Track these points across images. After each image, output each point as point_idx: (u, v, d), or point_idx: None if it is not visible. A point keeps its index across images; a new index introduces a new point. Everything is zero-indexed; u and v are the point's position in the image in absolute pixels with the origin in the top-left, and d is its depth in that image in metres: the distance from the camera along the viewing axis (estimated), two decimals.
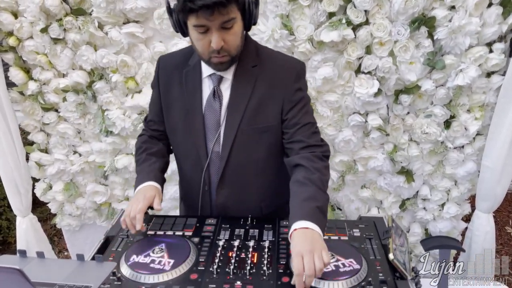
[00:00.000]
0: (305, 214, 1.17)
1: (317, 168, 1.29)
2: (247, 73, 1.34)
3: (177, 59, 1.44)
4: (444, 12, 1.69)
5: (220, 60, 1.26)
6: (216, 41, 1.18)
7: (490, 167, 2.00)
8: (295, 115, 1.36)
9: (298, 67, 1.38)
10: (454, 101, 1.92)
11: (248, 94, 1.34)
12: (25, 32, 1.94)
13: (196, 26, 1.18)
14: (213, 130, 1.40)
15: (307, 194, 1.23)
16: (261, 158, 1.43)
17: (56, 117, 2.19)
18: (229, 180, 1.45)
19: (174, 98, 1.44)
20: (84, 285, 1.03)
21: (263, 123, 1.37)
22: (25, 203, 2.29)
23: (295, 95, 1.35)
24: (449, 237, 1.41)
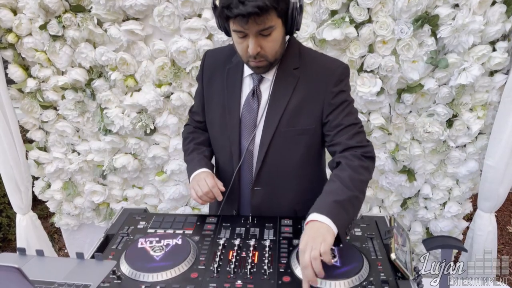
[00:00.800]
0: (318, 207, 1.16)
1: (350, 166, 1.27)
2: (288, 75, 1.36)
3: (222, 55, 1.47)
4: (448, 10, 1.69)
5: (257, 65, 1.28)
6: (252, 48, 1.21)
7: (493, 166, 1.99)
8: (336, 118, 1.34)
9: (340, 69, 1.36)
10: (456, 100, 1.91)
11: (288, 95, 1.35)
12: (24, 29, 1.93)
13: (234, 31, 1.21)
14: (249, 128, 1.41)
15: (329, 189, 1.23)
16: (298, 160, 1.43)
17: (54, 115, 2.18)
18: (264, 180, 1.45)
19: (215, 93, 1.47)
20: (83, 283, 1.02)
21: (301, 125, 1.37)
22: (25, 200, 2.28)
23: (336, 97, 1.34)
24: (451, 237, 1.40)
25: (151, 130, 2.14)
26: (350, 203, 1.19)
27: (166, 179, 2.30)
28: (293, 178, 1.46)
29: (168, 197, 2.33)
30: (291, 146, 1.40)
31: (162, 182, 2.32)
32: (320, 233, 1.09)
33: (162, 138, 2.18)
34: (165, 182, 2.33)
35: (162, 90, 2.02)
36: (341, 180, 1.23)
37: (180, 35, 1.91)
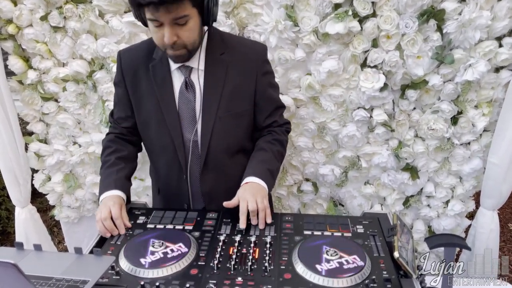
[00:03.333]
0: (257, 172, 1.42)
1: (279, 140, 1.53)
2: (217, 61, 1.39)
3: (140, 53, 1.46)
4: (454, 5, 1.65)
5: (175, 54, 1.30)
6: (167, 36, 1.22)
7: (496, 164, 1.97)
8: (268, 99, 1.51)
9: (263, 50, 1.47)
10: (462, 97, 1.88)
11: (221, 81, 1.40)
12: (25, 20, 1.90)
13: (149, 20, 1.21)
14: (189, 120, 1.43)
15: (264, 158, 1.47)
16: (240, 139, 1.53)
17: (55, 107, 2.16)
18: (212, 166, 1.49)
19: (144, 93, 1.45)
20: (82, 279, 1.01)
21: (238, 108, 1.46)
22: (24, 193, 2.27)
23: (265, 78, 1.47)
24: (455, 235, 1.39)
25: None
26: (276, 171, 1.52)
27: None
28: (240, 157, 1.54)
29: None
30: (232, 129, 1.48)
31: None
32: (261, 191, 1.37)
33: None
34: None
35: None
36: (273, 152, 1.49)
37: None
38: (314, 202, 2.34)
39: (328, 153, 2.14)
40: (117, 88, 1.53)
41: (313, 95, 1.96)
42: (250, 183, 1.39)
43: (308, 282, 1.10)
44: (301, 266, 1.15)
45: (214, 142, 1.45)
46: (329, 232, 1.34)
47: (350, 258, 1.18)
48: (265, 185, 1.40)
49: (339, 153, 2.11)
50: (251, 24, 1.86)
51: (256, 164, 1.45)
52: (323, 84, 1.93)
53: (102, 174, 1.50)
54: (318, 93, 1.95)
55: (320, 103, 1.97)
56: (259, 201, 1.32)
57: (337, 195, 2.31)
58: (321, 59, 1.85)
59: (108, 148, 1.54)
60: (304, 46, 1.83)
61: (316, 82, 1.91)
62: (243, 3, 1.81)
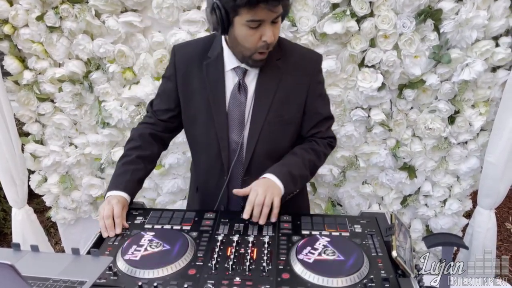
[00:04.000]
0: (276, 171, 1.36)
1: (315, 150, 1.45)
2: (272, 66, 1.37)
3: (196, 50, 1.44)
4: (451, 5, 1.66)
5: (263, 57, 1.29)
6: (270, 35, 1.21)
7: (493, 163, 1.98)
8: (317, 107, 1.45)
9: (319, 60, 1.44)
10: (459, 96, 1.89)
11: (274, 87, 1.38)
12: (21, 20, 1.89)
13: (250, 21, 1.18)
14: (238, 122, 1.42)
15: (289, 161, 1.41)
16: (285, 147, 1.48)
17: (51, 108, 2.15)
18: (254, 171, 1.46)
19: (194, 90, 1.44)
20: (79, 280, 1.00)
21: (288, 115, 1.43)
22: (21, 194, 2.26)
23: (317, 88, 1.43)
24: (452, 234, 1.39)
25: None
26: (301, 179, 1.43)
27: (164, 173, 2.28)
28: None
29: (166, 191, 2.32)
30: (279, 135, 1.45)
31: (160, 175, 2.30)
32: (274, 189, 1.31)
33: None
34: (163, 176, 2.31)
35: None
36: (303, 159, 1.42)
37: (179, 27, 1.88)
38: (312, 202, 2.34)
39: None
40: (166, 81, 1.51)
41: None
42: (267, 179, 1.35)
43: (306, 282, 1.10)
44: (299, 266, 1.15)
45: (260, 146, 1.43)
46: (327, 231, 1.33)
47: (348, 258, 1.17)
48: (280, 185, 1.34)
49: (337, 153, 2.11)
50: None
51: (279, 165, 1.40)
52: None
53: (118, 168, 1.47)
54: None
55: None
56: (268, 196, 1.29)
57: (336, 195, 2.32)
58: None
59: (133, 141, 1.51)
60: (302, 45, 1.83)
61: None
62: None
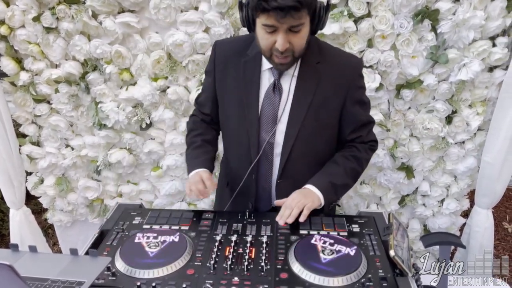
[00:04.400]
0: (318, 182, 1.40)
1: (356, 157, 1.46)
2: (311, 70, 1.38)
3: (235, 47, 1.46)
4: (448, 5, 1.67)
5: (281, 61, 1.29)
6: (282, 43, 1.20)
7: (490, 162, 1.99)
8: (357, 113, 1.44)
9: (360, 65, 1.44)
10: (456, 96, 1.90)
11: (312, 90, 1.38)
12: (17, 20, 1.88)
13: (264, 25, 1.19)
14: (269, 122, 1.43)
15: (330, 170, 1.44)
16: (321, 151, 1.49)
17: (48, 109, 2.14)
18: (289, 173, 1.48)
19: (230, 86, 1.46)
20: (77, 280, 1.00)
21: (325, 119, 1.42)
22: (19, 195, 2.25)
23: (357, 92, 1.42)
24: (450, 233, 1.40)
25: (147, 124, 2.11)
26: (342, 188, 1.46)
27: (161, 175, 2.28)
28: (317, 170, 1.48)
29: (164, 193, 2.31)
30: (315, 139, 1.45)
31: (158, 177, 2.30)
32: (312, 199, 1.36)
33: (157, 133, 2.15)
34: (160, 178, 2.30)
35: (158, 84, 1.99)
36: (345, 167, 1.43)
37: (177, 28, 1.88)
38: None
39: None
40: (207, 76, 1.55)
41: None
42: (307, 189, 1.39)
43: (304, 282, 1.10)
44: (298, 265, 1.15)
45: (296, 150, 1.43)
46: (325, 231, 1.34)
47: (346, 257, 1.18)
48: (320, 195, 1.37)
49: None
50: None
51: (320, 174, 1.43)
52: None
53: (189, 155, 1.57)
54: None
55: None
56: (302, 201, 1.33)
57: None
58: None
59: (194, 130, 1.61)
60: None
61: None
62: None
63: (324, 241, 1.25)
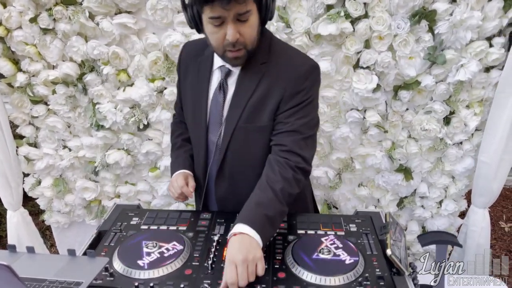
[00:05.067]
0: (250, 219, 1.18)
1: (284, 177, 1.26)
2: (254, 70, 1.32)
3: (197, 47, 1.45)
4: (445, 6, 1.67)
5: (235, 55, 1.24)
6: (232, 33, 1.16)
7: (486, 162, 1.99)
8: (287, 117, 1.31)
9: (304, 67, 1.30)
10: (454, 97, 1.90)
11: (250, 91, 1.32)
12: (14, 22, 1.88)
13: (211, 18, 1.15)
14: (216, 123, 1.40)
15: (261, 199, 1.23)
16: (257, 155, 1.40)
17: (45, 110, 2.13)
18: (227, 174, 1.44)
19: (188, 86, 1.46)
20: (75, 281, 0.99)
21: (260, 122, 1.34)
22: (16, 196, 2.24)
23: (294, 97, 1.29)
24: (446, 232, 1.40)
25: (144, 125, 2.11)
26: (279, 217, 1.25)
27: (159, 175, 2.28)
28: (254, 173, 1.41)
29: (161, 193, 2.30)
30: (250, 142, 1.38)
31: (156, 178, 2.29)
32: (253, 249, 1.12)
33: (155, 134, 2.15)
34: (158, 178, 2.30)
35: (155, 85, 1.99)
36: (275, 192, 1.23)
37: (174, 29, 1.88)
38: None
39: (321, 155, 2.14)
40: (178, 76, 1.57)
41: None
42: (241, 236, 1.15)
43: (302, 281, 1.10)
44: (295, 265, 1.15)
45: (231, 150, 1.39)
46: (323, 231, 1.34)
47: (343, 257, 1.18)
48: (258, 238, 1.15)
49: (332, 155, 2.11)
50: None
51: (252, 207, 1.22)
52: None
53: (172, 156, 1.61)
54: None
55: None
56: (251, 271, 1.09)
57: (331, 198, 2.31)
58: None
59: (175, 132, 1.65)
60: (296, 47, 1.83)
61: None
62: None
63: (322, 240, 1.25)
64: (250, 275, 1.08)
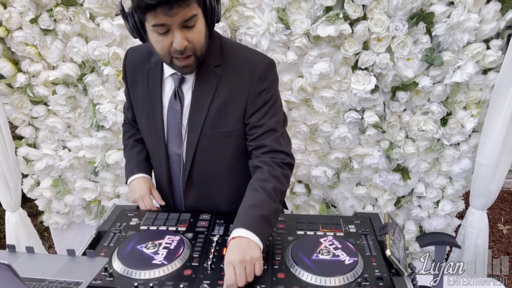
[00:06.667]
0: (245, 222, 1.17)
1: (273, 175, 1.26)
2: (209, 74, 1.28)
3: (142, 54, 1.39)
4: (443, 8, 1.68)
5: (184, 63, 1.20)
6: (179, 41, 1.11)
7: (484, 164, 2.00)
8: (259, 119, 1.30)
9: (262, 65, 1.28)
10: (451, 98, 1.91)
11: (210, 96, 1.29)
12: (14, 22, 1.88)
13: (155, 26, 1.10)
14: (175, 132, 1.36)
15: (254, 201, 1.22)
16: (227, 160, 1.39)
17: (45, 111, 2.13)
18: (196, 183, 1.43)
19: (139, 96, 1.41)
20: (75, 281, 1.00)
21: (226, 127, 1.32)
22: (15, 197, 2.24)
23: (259, 97, 1.28)
24: (445, 233, 1.41)
25: None
26: (274, 216, 1.24)
27: None
28: (226, 178, 1.42)
29: None
30: (219, 148, 1.36)
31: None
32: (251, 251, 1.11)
33: None
34: None
35: None
36: (267, 192, 1.23)
37: None
38: (306, 204, 2.35)
39: (320, 155, 2.15)
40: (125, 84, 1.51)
41: (305, 97, 1.97)
42: (238, 239, 1.14)
43: (301, 281, 1.11)
44: (294, 265, 1.15)
45: (198, 159, 1.37)
46: (322, 232, 1.34)
47: (342, 257, 1.18)
48: (255, 238, 1.15)
49: (331, 155, 2.12)
50: (242, 27, 1.87)
51: (246, 210, 1.21)
52: (315, 86, 1.94)
53: (125, 157, 1.60)
54: (310, 95, 1.96)
55: (312, 105, 1.98)
56: (248, 270, 1.09)
57: (330, 197, 2.32)
58: (313, 62, 1.87)
59: (126, 133, 1.63)
60: (295, 48, 1.84)
61: (308, 85, 1.92)
62: (235, 6, 1.82)
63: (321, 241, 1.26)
64: (248, 275, 1.08)
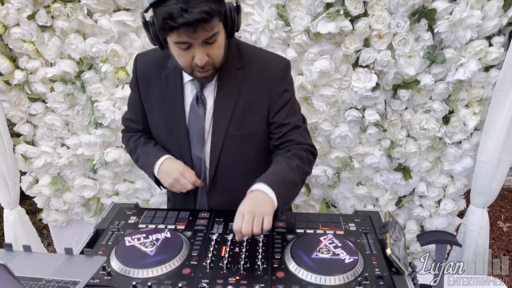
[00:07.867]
0: (266, 180, 1.21)
1: (298, 156, 1.32)
2: (230, 77, 1.31)
3: (156, 59, 1.39)
4: (445, 4, 1.67)
5: (204, 75, 1.23)
6: (200, 58, 1.15)
7: (485, 162, 1.99)
8: (284, 118, 1.35)
9: (282, 67, 1.34)
10: (453, 96, 1.89)
11: (233, 99, 1.32)
12: (12, 19, 1.87)
13: (177, 43, 1.13)
14: (198, 136, 1.38)
15: (278, 168, 1.28)
16: (251, 160, 1.42)
17: (43, 108, 2.12)
18: (219, 185, 1.44)
19: (155, 102, 1.41)
20: (72, 280, 0.99)
21: (250, 127, 1.36)
22: (13, 195, 2.23)
23: (282, 97, 1.34)
24: (446, 231, 1.40)
25: None
26: (293, 185, 1.28)
27: None
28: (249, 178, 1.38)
29: (159, 191, 2.30)
30: (243, 149, 1.39)
31: None
32: (264, 206, 1.15)
33: None
34: None
35: None
36: (290, 164, 1.28)
37: None
38: (306, 203, 2.34)
39: (320, 154, 2.13)
40: (132, 92, 1.49)
41: (305, 95, 1.96)
42: (255, 192, 1.19)
43: (301, 280, 1.10)
44: (294, 264, 1.15)
45: (223, 161, 1.39)
46: (322, 230, 1.34)
47: (342, 256, 1.18)
48: (272, 195, 1.18)
49: (331, 154, 2.11)
50: (242, 24, 1.85)
51: (267, 174, 1.26)
52: (315, 84, 1.93)
53: (141, 153, 1.48)
54: (310, 93, 1.95)
55: (312, 104, 1.97)
56: (256, 219, 1.12)
57: (330, 196, 2.31)
58: (313, 59, 1.85)
59: (132, 137, 1.54)
60: (295, 45, 1.83)
61: (308, 82, 1.91)
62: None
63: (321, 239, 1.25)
64: (255, 225, 1.11)
